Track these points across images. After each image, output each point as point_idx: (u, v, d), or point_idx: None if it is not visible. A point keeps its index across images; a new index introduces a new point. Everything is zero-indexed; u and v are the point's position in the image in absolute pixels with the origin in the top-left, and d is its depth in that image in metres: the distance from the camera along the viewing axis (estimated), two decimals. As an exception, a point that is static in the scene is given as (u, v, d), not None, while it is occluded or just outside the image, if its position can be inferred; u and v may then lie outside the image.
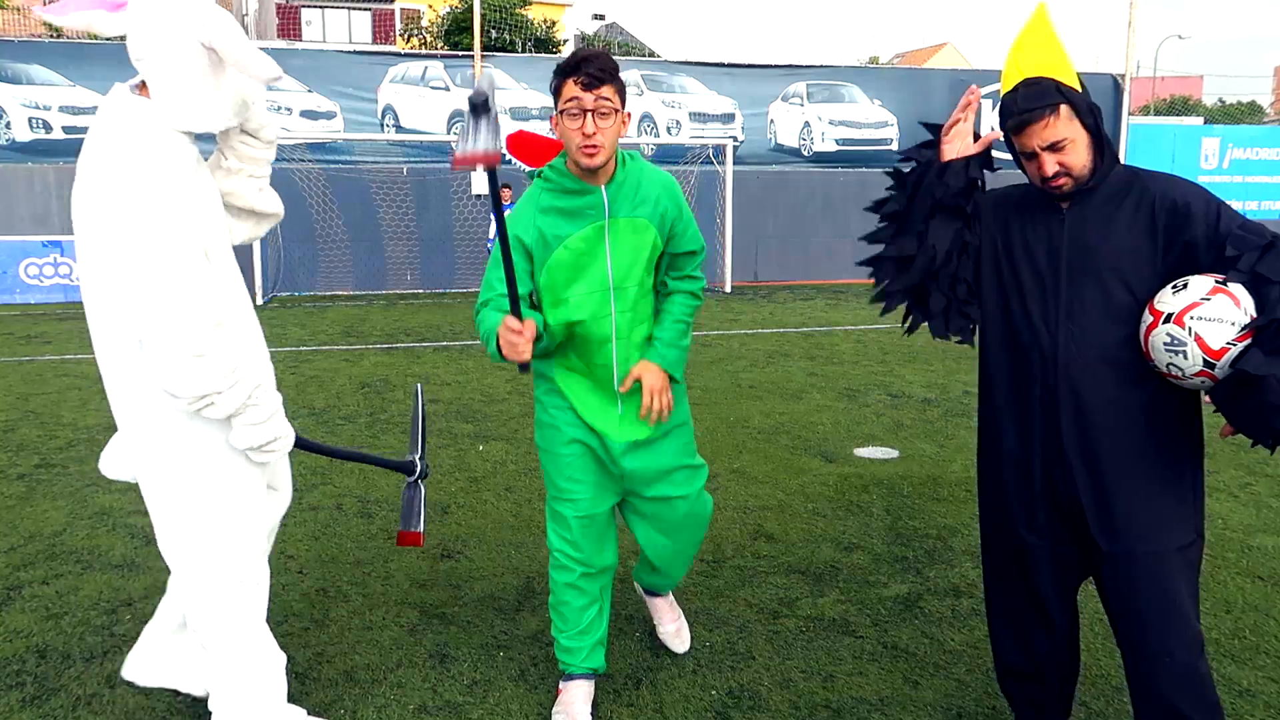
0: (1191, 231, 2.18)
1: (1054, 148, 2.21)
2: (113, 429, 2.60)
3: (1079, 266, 2.28)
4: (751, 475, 5.26)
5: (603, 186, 2.65)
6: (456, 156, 2.29)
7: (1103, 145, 2.26)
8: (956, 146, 2.43)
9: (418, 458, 3.12)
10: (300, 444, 2.69)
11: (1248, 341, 2.05)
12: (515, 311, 2.49)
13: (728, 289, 16.28)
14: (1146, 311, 2.18)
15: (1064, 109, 2.20)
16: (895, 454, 5.71)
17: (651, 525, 2.93)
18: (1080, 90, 2.24)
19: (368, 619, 3.36)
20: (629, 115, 2.64)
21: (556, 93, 2.56)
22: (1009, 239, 2.41)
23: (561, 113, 2.55)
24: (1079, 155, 2.23)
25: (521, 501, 4.82)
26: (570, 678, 2.89)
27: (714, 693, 2.96)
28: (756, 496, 4.88)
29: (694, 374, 8.11)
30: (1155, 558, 2.25)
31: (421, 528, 3.00)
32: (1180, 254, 2.20)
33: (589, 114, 2.51)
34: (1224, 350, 2.06)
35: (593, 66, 2.50)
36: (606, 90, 2.52)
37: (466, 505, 4.76)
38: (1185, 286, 2.13)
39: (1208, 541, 4.16)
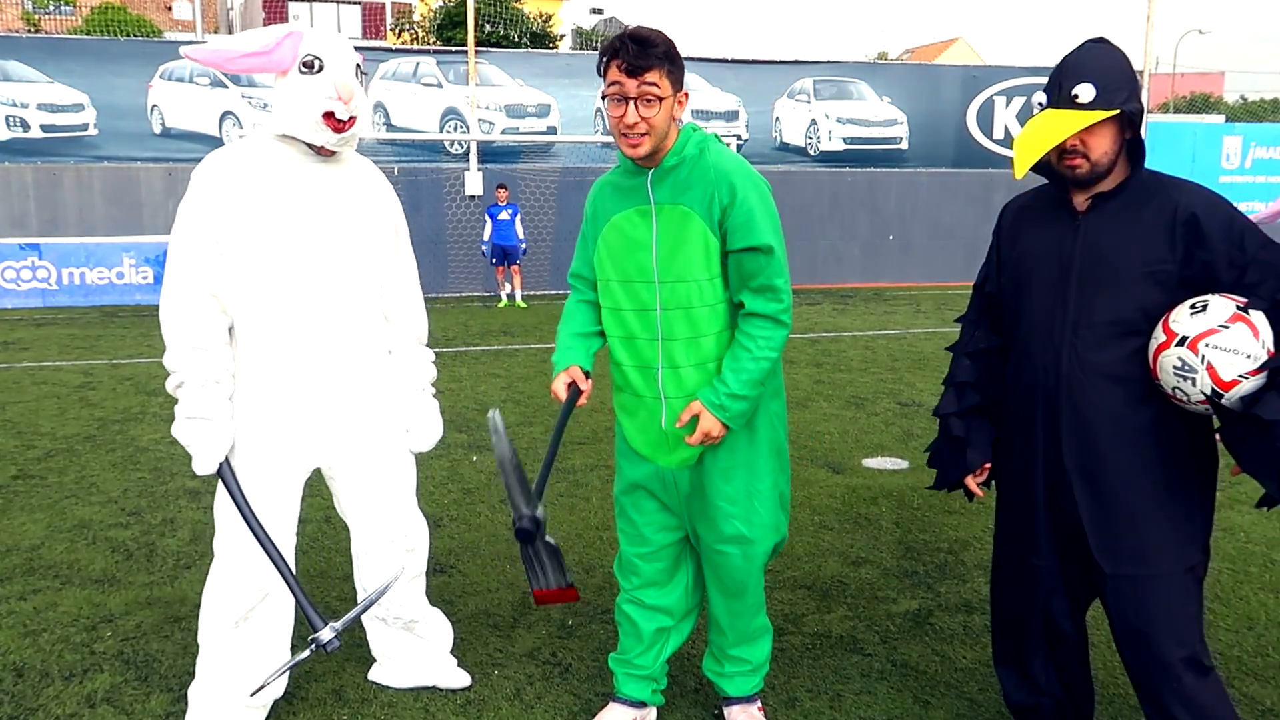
0: (1211, 250, 2.14)
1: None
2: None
3: (1090, 277, 2.26)
4: (756, 487, 5.26)
5: (650, 172, 2.53)
6: (537, 594, 2.67)
7: (1135, 146, 2.23)
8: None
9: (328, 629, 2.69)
10: (238, 504, 2.67)
11: (1260, 377, 2.04)
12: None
13: (731, 293, 16.30)
14: (1160, 329, 2.15)
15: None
16: (905, 465, 5.71)
17: (703, 565, 2.78)
18: (1117, 81, 2.19)
19: (357, 636, 3.36)
20: (686, 95, 2.46)
21: (603, 75, 2.42)
22: (1024, 247, 2.41)
23: (605, 97, 2.43)
24: (1101, 142, 2.20)
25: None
26: (615, 698, 2.89)
27: (717, 713, 2.96)
28: (761, 509, 4.88)
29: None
30: (1157, 581, 2.25)
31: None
32: (1199, 271, 2.16)
33: (632, 102, 2.36)
34: (1235, 383, 2.04)
35: (636, 50, 2.34)
36: (653, 75, 2.35)
37: (459, 518, 4.77)
38: (1204, 309, 2.09)
39: (1229, 556, 4.17)
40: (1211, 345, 2.05)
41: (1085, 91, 2.17)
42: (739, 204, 2.44)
